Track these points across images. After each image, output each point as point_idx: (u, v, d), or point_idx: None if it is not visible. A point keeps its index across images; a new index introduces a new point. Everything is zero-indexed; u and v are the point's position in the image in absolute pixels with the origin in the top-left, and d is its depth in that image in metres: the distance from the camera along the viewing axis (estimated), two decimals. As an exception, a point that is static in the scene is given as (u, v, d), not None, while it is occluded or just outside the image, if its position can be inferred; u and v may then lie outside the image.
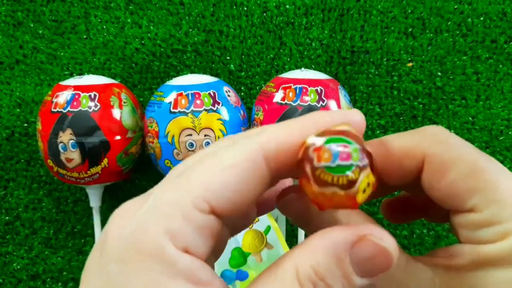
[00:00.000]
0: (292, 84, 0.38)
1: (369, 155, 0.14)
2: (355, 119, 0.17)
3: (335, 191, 0.14)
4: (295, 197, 0.19)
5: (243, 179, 0.15)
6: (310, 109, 0.37)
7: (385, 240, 0.15)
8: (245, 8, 0.47)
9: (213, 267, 0.19)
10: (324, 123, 0.16)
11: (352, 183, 0.14)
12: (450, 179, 0.17)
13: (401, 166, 0.18)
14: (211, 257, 0.19)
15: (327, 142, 0.14)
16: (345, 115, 0.17)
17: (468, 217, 0.17)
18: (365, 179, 0.14)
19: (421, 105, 0.45)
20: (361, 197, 0.14)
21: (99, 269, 0.15)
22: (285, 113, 0.37)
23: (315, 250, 0.15)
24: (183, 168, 0.16)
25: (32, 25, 0.48)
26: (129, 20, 0.47)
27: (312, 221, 0.19)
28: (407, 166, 0.18)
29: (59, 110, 0.38)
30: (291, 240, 0.44)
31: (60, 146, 0.38)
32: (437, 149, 0.18)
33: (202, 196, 0.15)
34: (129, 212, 0.15)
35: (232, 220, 0.18)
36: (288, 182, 0.20)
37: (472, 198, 0.17)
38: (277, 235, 0.39)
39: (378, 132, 0.45)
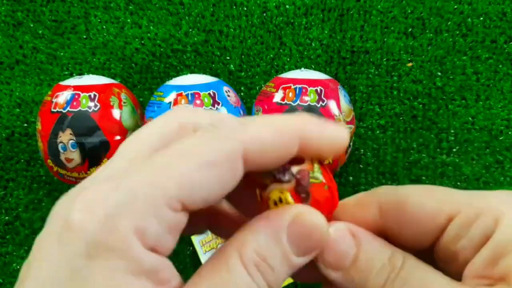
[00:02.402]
0: (292, 84, 0.38)
1: (295, 176, 0.17)
2: (337, 138, 0.17)
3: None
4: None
5: (218, 179, 0.15)
6: (310, 109, 0.37)
7: (317, 217, 0.16)
8: (245, 8, 0.47)
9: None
10: (309, 131, 0.17)
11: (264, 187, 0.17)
12: (413, 202, 0.16)
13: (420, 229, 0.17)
14: None
15: None
16: (329, 131, 0.17)
17: (453, 228, 0.16)
18: (276, 192, 0.17)
19: (421, 105, 0.45)
20: (271, 206, 0.17)
21: (61, 260, 0.14)
22: (285, 113, 0.37)
23: (256, 232, 0.16)
24: (161, 159, 0.15)
25: (32, 25, 0.48)
26: (129, 20, 0.47)
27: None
28: (365, 219, 0.18)
29: (59, 110, 0.38)
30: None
31: (60, 146, 0.38)
32: (388, 189, 0.17)
33: (177, 195, 0.15)
34: (97, 200, 0.14)
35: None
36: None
37: (443, 208, 0.16)
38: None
39: (378, 132, 0.45)
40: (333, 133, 0.17)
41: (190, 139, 0.16)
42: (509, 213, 0.15)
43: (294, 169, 0.17)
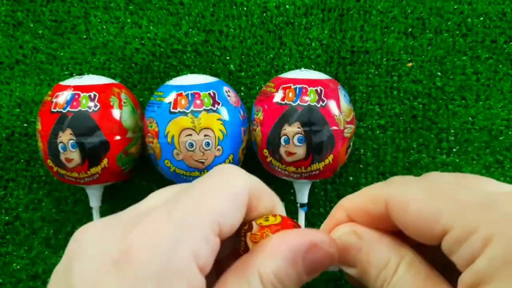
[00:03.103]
0: (292, 84, 0.38)
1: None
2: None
3: None
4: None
5: (239, 210, 0.19)
6: (310, 109, 0.37)
7: (333, 247, 0.19)
8: (245, 8, 0.47)
9: None
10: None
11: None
12: (413, 209, 0.18)
13: (372, 215, 0.20)
14: None
15: None
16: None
17: (447, 241, 0.17)
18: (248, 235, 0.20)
19: (421, 105, 0.45)
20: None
21: (128, 283, 0.15)
22: (285, 113, 0.37)
23: (275, 255, 0.18)
24: (199, 188, 0.18)
25: (32, 25, 0.48)
26: (129, 20, 0.47)
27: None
28: (376, 214, 0.20)
29: (59, 110, 0.38)
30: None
31: (60, 146, 0.38)
32: (396, 190, 0.19)
33: (217, 220, 0.17)
34: (156, 230, 0.16)
35: None
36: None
37: (439, 220, 0.17)
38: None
39: (378, 132, 0.45)
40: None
41: (214, 178, 0.19)
42: (498, 237, 0.16)
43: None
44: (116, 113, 0.39)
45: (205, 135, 0.37)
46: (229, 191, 0.18)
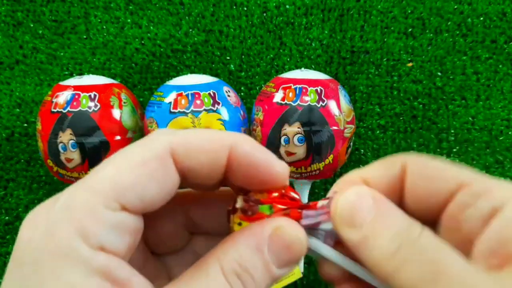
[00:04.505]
0: (292, 84, 0.38)
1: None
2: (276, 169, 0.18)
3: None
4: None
5: (151, 177, 0.16)
6: (310, 109, 0.37)
7: (296, 229, 0.17)
8: (245, 8, 0.47)
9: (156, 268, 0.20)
10: (241, 146, 0.17)
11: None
12: (432, 165, 0.18)
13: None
14: (145, 257, 0.20)
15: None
16: (268, 160, 0.17)
17: (465, 194, 0.17)
18: (235, 218, 0.18)
19: (421, 105, 0.45)
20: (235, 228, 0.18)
21: (13, 273, 0.15)
22: (285, 113, 0.37)
23: (237, 244, 0.16)
24: (97, 167, 0.16)
25: (32, 25, 0.48)
26: (129, 20, 0.47)
27: None
28: (390, 176, 0.19)
29: (59, 110, 0.38)
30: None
31: (60, 146, 0.38)
32: (414, 156, 0.19)
33: (112, 195, 0.15)
34: (40, 215, 0.15)
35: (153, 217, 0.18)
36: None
37: (458, 176, 0.17)
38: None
39: (378, 132, 0.45)
40: (268, 159, 0.17)
41: (124, 148, 0.17)
42: None
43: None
44: (116, 113, 0.39)
45: (205, 135, 0.37)
46: (133, 160, 0.16)
